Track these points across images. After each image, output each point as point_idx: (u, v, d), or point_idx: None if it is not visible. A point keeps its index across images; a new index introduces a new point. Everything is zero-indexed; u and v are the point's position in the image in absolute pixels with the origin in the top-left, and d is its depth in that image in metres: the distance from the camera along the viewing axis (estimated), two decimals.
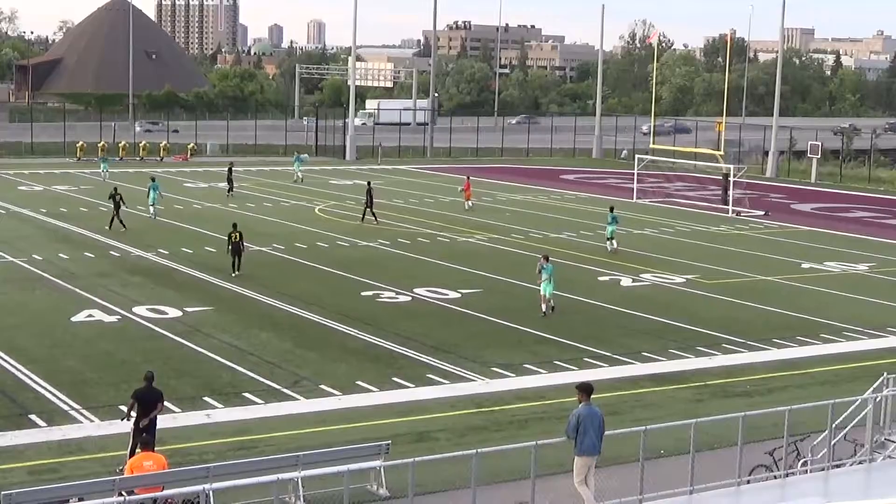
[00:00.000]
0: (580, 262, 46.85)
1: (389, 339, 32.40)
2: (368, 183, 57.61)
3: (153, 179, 58.10)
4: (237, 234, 41.84)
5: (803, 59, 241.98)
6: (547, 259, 36.77)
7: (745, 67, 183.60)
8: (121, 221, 51.64)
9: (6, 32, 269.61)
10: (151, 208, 56.27)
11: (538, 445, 17.99)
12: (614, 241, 49.50)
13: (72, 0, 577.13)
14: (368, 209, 56.41)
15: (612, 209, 50.87)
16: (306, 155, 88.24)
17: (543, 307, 36.08)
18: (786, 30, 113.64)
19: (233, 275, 41.07)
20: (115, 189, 53.61)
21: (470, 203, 64.47)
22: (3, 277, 40.56)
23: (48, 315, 34.56)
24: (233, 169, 69.46)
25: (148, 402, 21.30)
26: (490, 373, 29.36)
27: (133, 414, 21.35)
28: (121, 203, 52.35)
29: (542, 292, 36.35)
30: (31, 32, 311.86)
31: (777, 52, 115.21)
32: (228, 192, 67.22)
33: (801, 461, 20.82)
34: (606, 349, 32.07)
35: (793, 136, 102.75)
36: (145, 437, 19.82)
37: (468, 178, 67.68)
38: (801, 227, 60.76)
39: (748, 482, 19.64)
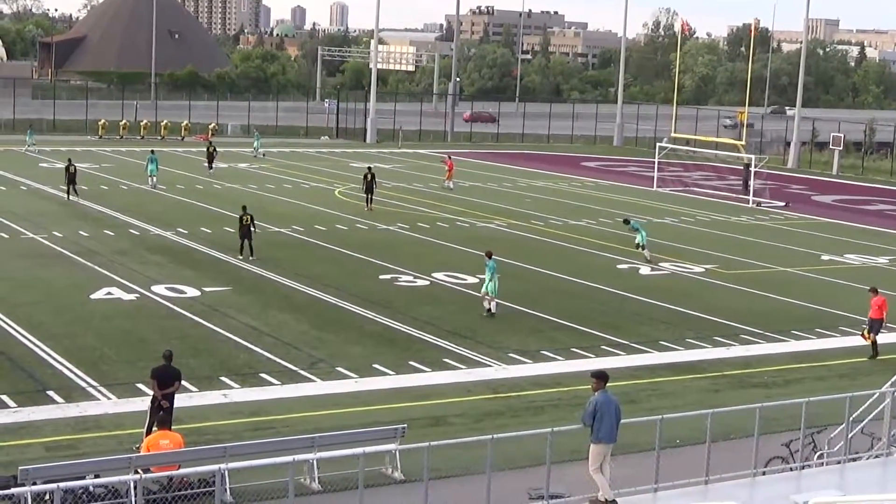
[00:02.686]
0: (599, 249, 46.76)
1: (406, 323, 32.41)
2: (369, 168, 57.24)
3: (152, 152, 62.37)
4: (248, 217, 41.63)
5: (827, 49, 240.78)
6: (490, 256, 34.57)
7: (769, 57, 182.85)
8: (75, 192, 54.33)
9: (31, 10, 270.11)
10: (150, 179, 60.07)
11: (554, 432, 17.97)
12: (645, 251, 44.58)
13: None
14: (369, 195, 55.21)
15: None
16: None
17: (486, 305, 34.01)
18: (810, 20, 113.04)
19: (246, 257, 40.97)
20: (70, 160, 55.88)
21: (450, 183, 65.30)
22: (24, 254, 40.70)
23: (67, 292, 34.67)
24: (215, 147, 71.23)
25: (165, 379, 21.43)
26: (506, 358, 29.34)
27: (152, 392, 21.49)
28: (74, 174, 54.83)
29: (483, 290, 34.35)
30: (56, 10, 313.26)
31: (801, 42, 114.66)
32: (209, 168, 68.45)
33: (818, 454, 20.74)
34: (624, 337, 32.02)
35: (815, 127, 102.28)
36: (162, 415, 19.88)
37: (449, 157, 68.62)
38: (822, 219, 60.52)
39: (764, 473, 19.60)
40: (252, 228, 41.56)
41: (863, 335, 31.22)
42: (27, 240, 43.54)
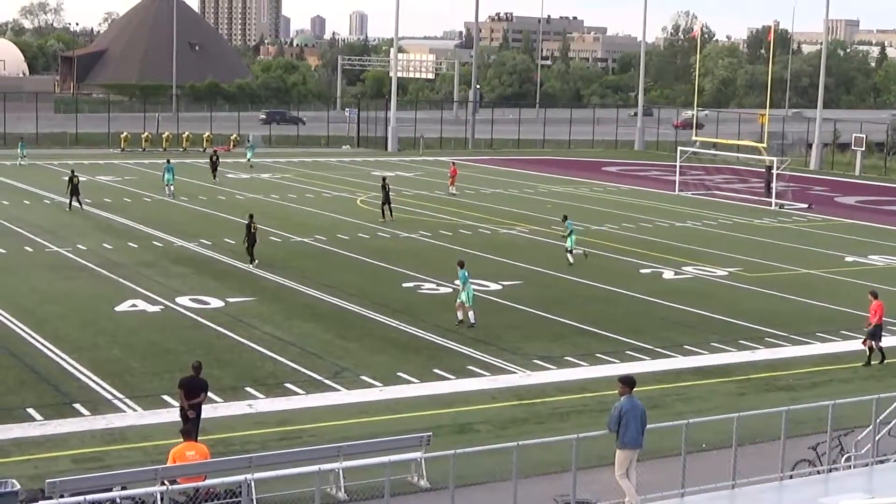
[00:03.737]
0: (622, 254, 46.69)
1: (430, 331, 32.42)
2: (384, 178, 57.29)
3: (168, 161, 64.18)
4: (255, 226, 42.03)
5: (848, 50, 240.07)
6: (462, 265, 33.74)
7: (789, 59, 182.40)
8: (78, 202, 55.40)
9: (52, 24, 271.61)
10: (167, 188, 61.22)
11: (579, 438, 17.95)
12: (570, 255, 44.11)
13: None
14: (386, 205, 54.74)
15: (566, 218, 46.18)
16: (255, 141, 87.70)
17: (459, 315, 33.21)
18: (830, 21, 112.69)
19: (254, 263, 41.38)
20: (73, 171, 57.38)
21: (453, 189, 65.67)
22: (49, 266, 40.89)
23: (92, 304, 34.81)
24: (218, 156, 72.09)
25: (192, 390, 21.65)
26: (531, 365, 29.32)
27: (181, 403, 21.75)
28: (78, 185, 55.89)
29: (458, 300, 33.49)
30: (77, 24, 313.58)
31: (821, 43, 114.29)
32: (214, 177, 69.13)
33: (845, 456, 20.65)
34: (648, 342, 31.95)
35: (837, 128, 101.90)
36: (187, 426, 19.93)
37: (453, 163, 69.27)
38: (845, 220, 60.28)
39: (791, 477, 19.52)
40: (256, 237, 42.05)
41: (864, 342, 30.61)
42: (52, 253, 43.75)
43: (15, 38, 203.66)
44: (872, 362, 30.22)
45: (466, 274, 33.38)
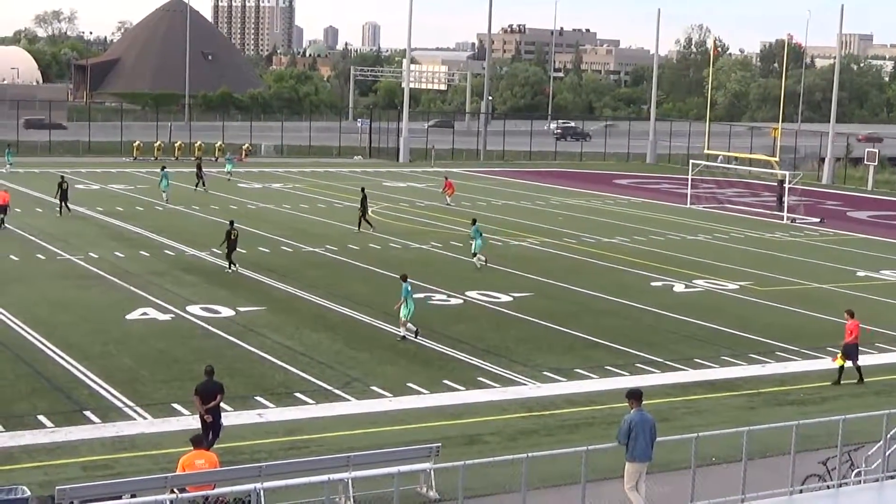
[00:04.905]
0: (633, 267, 46.65)
1: (440, 342, 32.42)
2: (362, 189, 57.27)
3: (163, 168, 65.03)
4: (235, 232, 42.67)
5: (861, 65, 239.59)
6: (405, 279, 33.02)
7: (802, 73, 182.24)
8: (67, 208, 56.60)
9: (66, 33, 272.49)
10: (164, 195, 62.39)
11: (589, 451, 17.93)
12: (482, 256, 45.13)
13: (130, 1, 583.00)
14: (363, 217, 54.02)
15: (474, 221, 46.95)
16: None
17: (402, 331, 32.49)
18: (843, 35, 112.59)
19: (232, 270, 41.92)
20: (62, 177, 58.60)
21: (448, 199, 66.42)
22: (60, 274, 41.01)
23: (103, 312, 34.90)
24: (201, 164, 72.67)
25: (208, 394, 21.91)
26: (541, 377, 29.30)
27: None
28: (67, 191, 57.09)
29: (401, 316, 32.64)
30: (90, 33, 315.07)
31: (834, 57, 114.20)
32: (197, 186, 69.34)
33: (855, 471, 20.60)
34: (658, 355, 31.92)
35: (849, 142, 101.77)
36: (198, 435, 19.95)
37: (446, 178, 69.81)
38: (857, 235, 60.18)
39: (801, 491, 19.47)
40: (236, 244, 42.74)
41: (835, 359, 29.94)
42: (63, 261, 43.87)
43: (29, 46, 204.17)
44: (842, 380, 29.54)
45: (409, 288, 32.82)
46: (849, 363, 29.69)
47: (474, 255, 45.14)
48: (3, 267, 42.12)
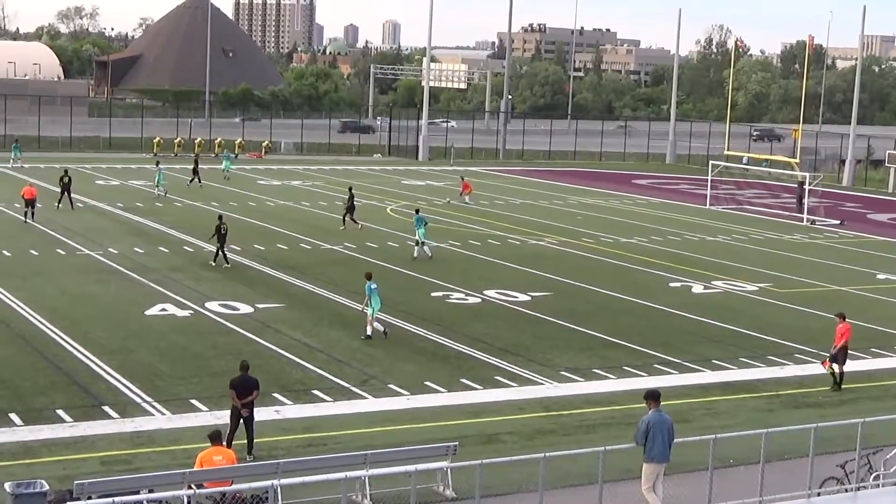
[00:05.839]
0: (651, 267, 46.57)
1: (458, 341, 32.43)
2: (350, 188, 57.41)
3: (158, 163, 66.70)
4: (224, 226, 42.91)
5: (883, 66, 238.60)
6: (369, 277, 33.14)
7: (823, 74, 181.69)
8: (69, 202, 56.69)
9: (87, 29, 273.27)
10: (156, 189, 63.49)
11: (606, 451, 17.92)
12: (425, 247, 46.02)
13: None
14: (348, 214, 54.05)
15: (417, 211, 48.21)
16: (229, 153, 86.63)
17: (368, 330, 32.25)
18: (865, 37, 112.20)
19: (220, 265, 42.15)
20: (66, 171, 59.19)
21: (467, 199, 66.40)
22: (80, 270, 41.15)
23: (122, 308, 35.01)
24: (198, 160, 72.65)
25: (245, 389, 22.06)
26: (559, 376, 29.28)
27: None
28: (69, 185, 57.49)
29: (366, 313, 32.56)
30: (112, 29, 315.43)
31: (856, 59, 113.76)
32: (191, 181, 69.52)
33: (874, 475, 20.53)
34: (676, 356, 31.86)
35: (870, 144, 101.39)
36: (216, 431, 19.99)
37: (462, 178, 70.15)
38: (877, 238, 59.95)
39: (819, 494, 19.41)
40: (226, 238, 43.01)
41: (824, 363, 29.48)
42: (83, 256, 44.02)
43: (51, 43, 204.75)
44: (834, 385, 29.06)
45: (373, 286, 32.71)
46: (835, 366, 29.16)
47: (419, 244, 45.86)
48: (23, 261, 42.31)
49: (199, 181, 69.33)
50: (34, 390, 26.06)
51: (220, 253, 42.55)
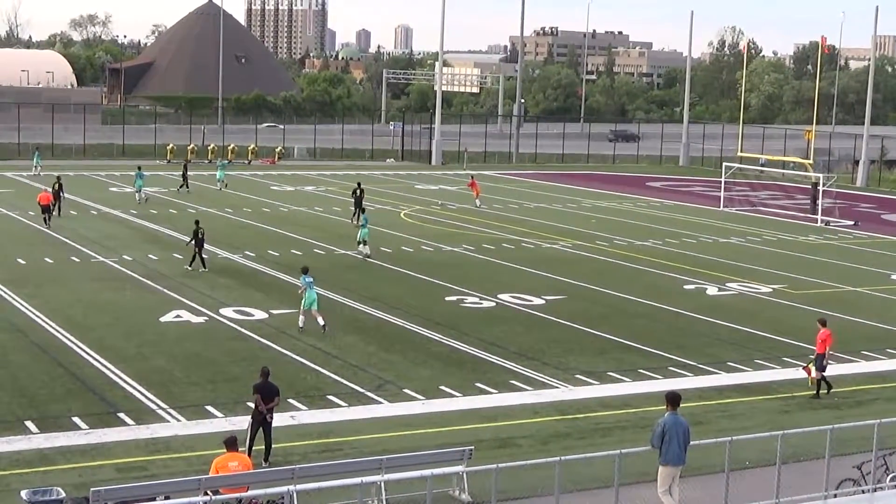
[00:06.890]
0: (666, 269, 46.51)
1: (473, 345, 32.43)
2: (358, 184, 58.21)
3: (139, 168, 65.76)
4: (202, 231, 43.13)
5: None
6: (306, 271, 34.00)
7: (836, 75, 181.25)
8: (58, 210, 55.87)
9: (100, 36, 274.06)
10: (137, 194, 63.21)
11: (622, 454, 17.90)
12: (366, 248, 46.92)
13: (164, 5, 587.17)
14: (358, 209, 55.39)
15: (364, 210, 51.34)
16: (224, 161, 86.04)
17: (321, 322, 32.86)
18: (878, 37, 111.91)
19: (196, 268, 42.37)
20: (58, 178, 58.90)
21: (478, 202, 66.47)
22: (95, 277, 41.25)
23: (137, 315, 35.07)
24: (188, 166, 72.73)
25: (267, 395, 22.15)
26: (574, 380, 29.26)
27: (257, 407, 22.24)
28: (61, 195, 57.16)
29: (313, 308, 33.16)
30: (125, 36, 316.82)
31: (869, 59, 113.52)
32: (181, 187, 69.54)
33: (890, 476, 20.47)
34: (691, 358, 31.81)
35: (884, 145, 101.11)
36: (232, 437, 20.01)
37: (472, 177, 70.31)
38: (892, 238, 59.77)
39: (835, 496, 19.36)
40: (203, 242, 43.21)
41: (805, 368, 29.06)
42: (98, 263, 44.12)
43: (64, 50, 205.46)
44: (821, 392, 28.53)
45: (309, 280, 33.47)
46: (815, 373, 28.64)
47: (360, 243, 46.88)
48: (38, 268, 42.43)
49: (188, 188, 69.31)
50: (50, 398, 26.12)
51: (196, 257, 42.78)
